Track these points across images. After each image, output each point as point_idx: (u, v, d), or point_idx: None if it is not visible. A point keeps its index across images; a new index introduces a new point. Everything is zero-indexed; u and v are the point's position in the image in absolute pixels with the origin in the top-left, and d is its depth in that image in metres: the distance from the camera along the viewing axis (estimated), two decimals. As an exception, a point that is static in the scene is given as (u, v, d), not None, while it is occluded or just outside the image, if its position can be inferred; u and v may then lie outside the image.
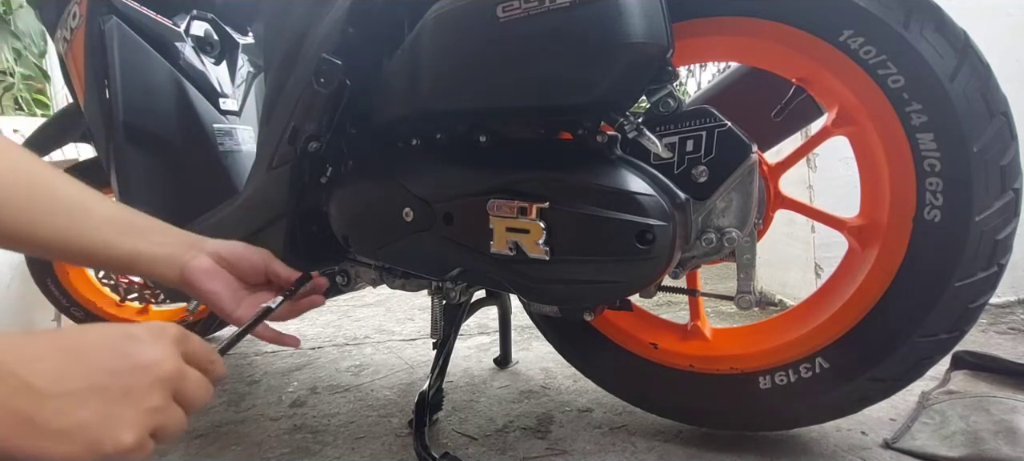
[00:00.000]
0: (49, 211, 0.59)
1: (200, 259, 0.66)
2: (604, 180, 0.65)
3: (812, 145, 0.85)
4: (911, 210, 0.69)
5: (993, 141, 0.64)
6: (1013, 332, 1.34)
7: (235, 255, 0.69)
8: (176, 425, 0.44)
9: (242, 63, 1.31)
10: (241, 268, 0.69)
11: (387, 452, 0.93)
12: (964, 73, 0.64)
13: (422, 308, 1.92)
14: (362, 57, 0.80)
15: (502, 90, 0.68)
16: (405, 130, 0.81)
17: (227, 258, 0.68)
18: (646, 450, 0.88)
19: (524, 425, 1.00)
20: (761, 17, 0.71)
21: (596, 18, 0.60)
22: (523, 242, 0.68)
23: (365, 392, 1.21)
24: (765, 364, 0.81)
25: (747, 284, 0.75)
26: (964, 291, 0.67)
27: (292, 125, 0.82)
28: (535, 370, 1.27)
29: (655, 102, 0.69)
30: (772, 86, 0.83)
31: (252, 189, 0.91)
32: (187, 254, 0.66)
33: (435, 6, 0.71)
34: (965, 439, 0.79)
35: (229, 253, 0.68)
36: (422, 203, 0.75)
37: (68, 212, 0.60)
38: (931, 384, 0.93)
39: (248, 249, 0.71)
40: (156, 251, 0.64)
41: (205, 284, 0.65)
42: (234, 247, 0.69)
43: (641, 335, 0.92)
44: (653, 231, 0.63)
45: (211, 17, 1.26)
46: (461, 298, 0.89)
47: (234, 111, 1.24)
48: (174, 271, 0.65)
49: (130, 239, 0.63)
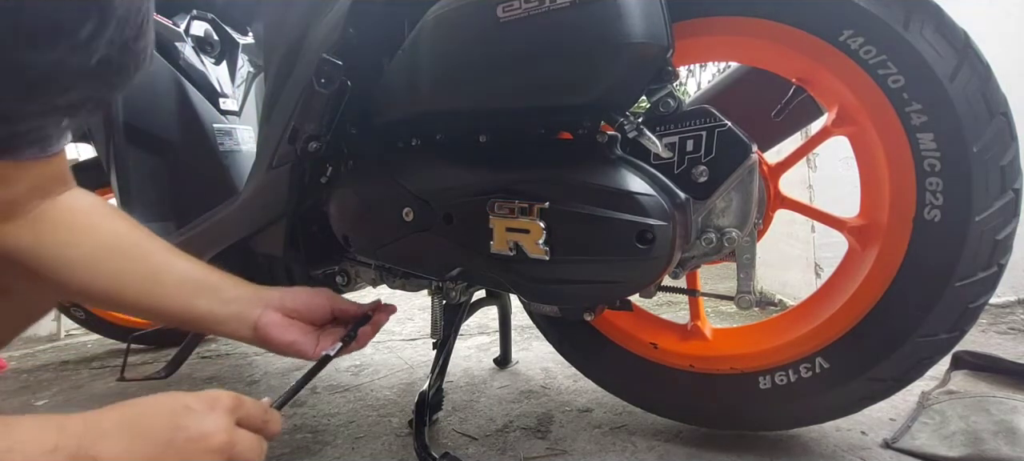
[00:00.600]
0: (135, 277, 0.64)
1: (268, 315, 0.68)
2: (604, 180, 0.65)
3: (812, 145, 0.85)
4: (911, 210, 0.69)
5: (993, 141, 0.64)
6: (1013, 332, 1.34)
7: (300, 302, 0.71)
8: None
9: (242, 63, 1.31)
10: (309, 313, 0.71)
11: (387, 452, 0.93)
12: (964, 73, 0.64)
13: (422, 308, 1.92)
14: (362, 57, 0.80)
15: (502, 90, 0.68)
16: (405, 130, 0.81)
17: (293, 308, 0.70)
18: (646, 450, 0.88)
19: (524, 425, 1.00)
20: (761, 17, 0.71)
21: (596, 18, 0.60)
22: (523, 242, 0.68)
23: (365, 392, 1.21)
24: (765, 364, 0.81)
25: (747, 284, 0.75)
26: (964, 291, 0.67)
27: (292, 125, 0.82)
28: (535, 370, 1.27)
29: (655, 102, 0.69)
30: (772, 86, 0.83)
31: (252, 189, 0.91)
32: (255, 311, 0.68)
33: (435, 6, 0.71)
34: (965, 439, 0.79)
35: (294, 302, 0.70)
36: (422, 203, 0.75)
37: (151, 277, 0.65)
38: (931, 384, 0.93)
39: (311, 293, 0.72)
40: (226, 311, 0.67)
41: (281, 338, 0.68)
42: (297, 295, 0.71)
43: (641, 335, 0.92)
44: (653, 231, 0.63)
45: (211, 17, 1.26)
46: (461, 298, 0.89)
47: (234, 111, 1.24)
48: (247, 330, 0.68)
49: (203, 300, 0.67)
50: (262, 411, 0.55)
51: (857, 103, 0.71)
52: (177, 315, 0.67)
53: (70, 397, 1.30)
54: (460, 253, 0.74)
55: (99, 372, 1.51)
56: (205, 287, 0.68)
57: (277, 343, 0.68)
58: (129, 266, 0.64)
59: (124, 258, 0.64)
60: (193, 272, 0.68)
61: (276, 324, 0.68)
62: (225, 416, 0.49)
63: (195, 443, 0.46)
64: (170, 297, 0.66)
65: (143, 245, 0.66)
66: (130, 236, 0.66)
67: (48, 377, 1.49)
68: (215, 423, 0.48)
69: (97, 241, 0.63)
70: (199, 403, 0.48)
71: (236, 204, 0.94)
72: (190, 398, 0.48)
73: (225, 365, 1.51)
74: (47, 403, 1.28)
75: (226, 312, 0.67)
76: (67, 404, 1.26)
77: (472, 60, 0.68)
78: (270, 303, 0.69)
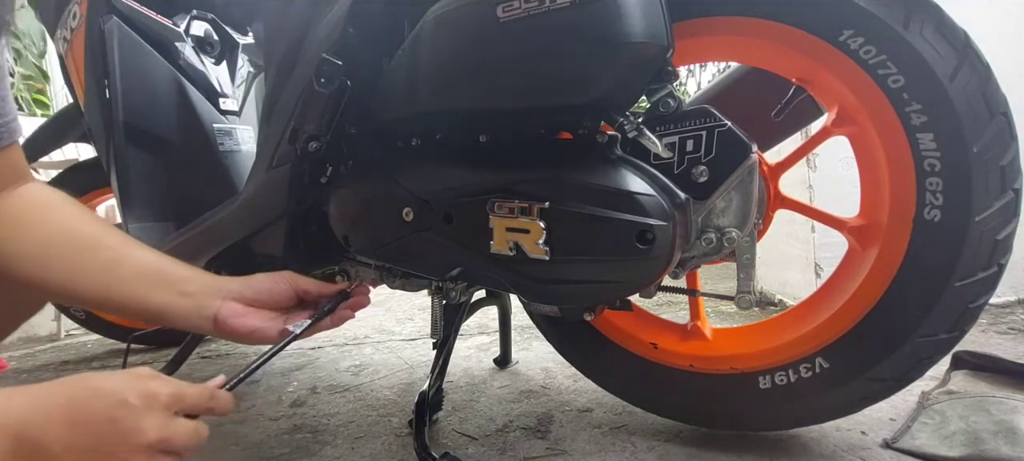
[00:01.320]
0: (90, 269, 0.63)
1: (228, 305, 0.67)
2: (604, 180, 0.65)
3: (812, 145, 0.85)
4: (911, 210, 0.69)
5: (993, 141, 0.64)
6: (1013, 332, 1.34)
7: (261, 289, 0.70)
8: None
9: (242, 63, 1.31)
10: (271, 299, 0.70)
11: (387, 452, 0.93)
12: (964, 73, 0.64)
13: (422, 308, 1.92)
14: (362, 57, 0.80)
15: (502, 90, 0.68)
16: (405, 130, 0.81)
17: (252, 297, 0.69)
18: (646, 450, 0.88)
19: (524, 425, 1.00)
20: (761, 17, 0.71)
21: (596, 18, 0.60)
22: (523, 242, 0.68)
23: (365, 392, 1.21)
24: (765, 364, 0.81)
25: (747, 284, 0.75)
26: (964, 291, 0.67)
27: (292, 125, 0.82)
28: (535, 370, 1.27)
29: (655, 102, 0.69)
30: (772, 86, 0.83)
31: (252, 189, 0.91)
32: (214, 302, 0.67)
33: (435, 6, 0.71)
34: (965, 439, 0.79)
35: (252, 291, 0.69)
36: (422, 203, 0.75)
37: (106, 269, 0.64)
38: (931, 384, 0.93)
39: (270, 279, 0.71)
40: (185, 303, 0.66)
41: (241, 326, 0.67)
42: (255, 283, 0.70)
43: (641, 335, 0.92)
44: (653, 231, 0.63)
45: (211, 17, 1.26)
46: (461, 298, 0.89)
47: (234, 111, 1.24)
48: (206, 322, 0.67)
49: (160, 292, 0.66)
50: (206, 397, 0.56)
51: (857, 103, 0.71)
52: (134, 308, 0.65)
53: (70, 397, 1.30)
54: (460, 253, 0.74)
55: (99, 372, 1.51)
56: (163, 279, 0.66)
57: (239, 332, 0.67)
58: (83, 258, 0.63)
59: (78, 250, 0.63)
60: (151, 264, 0.67)
61: (236, 314, 0.67)
62: (160, 414, 0.51)
63: (126, 438, 0.49)
64: (127, 290, 0.65)
65: (99, 237, 0.65)
66: (86, 228, 0.65)
67: (48, 377, 1.49)
68: (148, 421, 0.50)
69: (48, 234, 0.62)
70: (139, 399, 0.50)
71: (236, 204, 0.94)
72: (132, 393, 0.50)
73: (225, 365, 1.51)
74: (47, 403, 1.28)
75: (185, 304, 0.66)
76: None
77: (472, 60, 0.68)
78: (230, 293, 0.68)
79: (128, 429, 0.49)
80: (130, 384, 0.51)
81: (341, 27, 0.76)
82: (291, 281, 0.72)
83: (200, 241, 0.97)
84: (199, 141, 1.15)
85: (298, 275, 0.73)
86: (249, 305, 0.68)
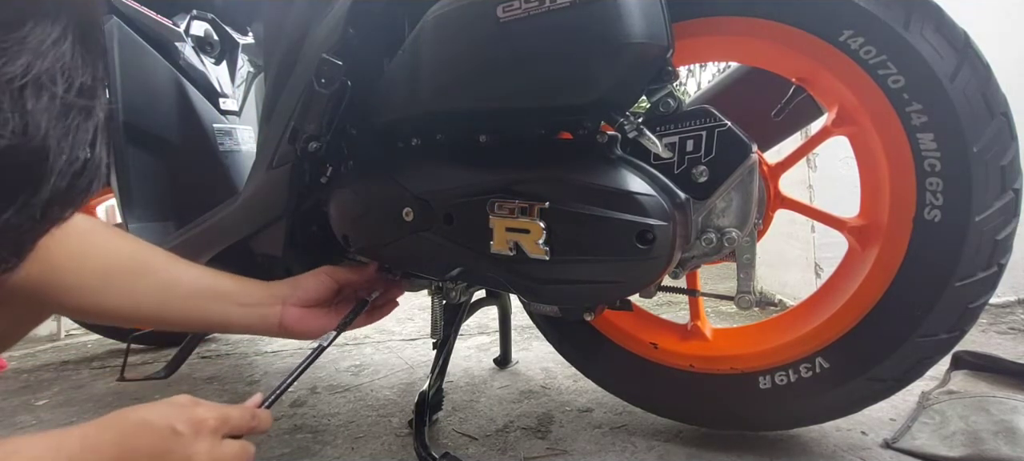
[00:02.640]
0: (147, 292, 0.67)
1: (289, 311, 0.74)
2: (604, 180, 0.65)
3: (812, 145, 0.85)
4: (911, 210, 0.69)
5: (993, 141, 0.64)
6: (1013, 332, 1.34)
7: (306, 289, 0.76)
8: None
9: (242, 63, 1.31)
10: (318, 297, 0.76)
11: (387, 452, 0.93)
12: (964, 73, 0.64)
13: (422, 308, 1.93)
14: (362, 57, 0.80)
15: (502, 90, 0.68)
16: (405, 130, 0.81)
17: (306, 299, 0.75)
18: (646, 450, 0.88)
19: (524, 425, 1.00)
20: (761, 17, 0.71)
21: (596, 18, 0.60)
22: (523, 242, 0.68)
23: (365, 392, 1.21)
24: (765, 364, 0.81)
25: (747, 284, 0.75)
26: (964, 291, 0.67)
27: (292, 125, 0.82)
28: (535, 370, 1.27)
29: (655, 102, 0.69)
30: (772, 86, 0.83)
31: (252, 189, 0.91)
32: (273, 310, 0.74)
33: (435, 6, 0.71)
34: (965, 439, 0.79)
35: (305, 293, 0.75)
36: (422, 203, 0.75)
37: (162, 289, 0.68)
38: (931, 384, 0.93)
39: (314, 279, 0.77)
40: (245, 314, 0.73)
41: (306, 328, 0.75)
42: (303, 284, 0.76)
43: (641, 335, 0.92)
44: (653, 231, 0.63)
45: (211, 17, 1.26)
46: (461, 298, 0.89)
47: (234, 111, 1.25)
48: (273, 328, 0.74)
49: (219, 306, 0.72)
50: (249, 418, 0.59)
51: (857, 103, 0.71)
52: (194, 322, 0.71)
53: (70, 397, 1.30)
54: (460, 253, 0.74)
55: (99, 372, 1.51)
56: (218, 293, 0.72)
57: (303, 334, 0.75)
58: (141, 283, 0.67)
59: (135, 276, 0.67)
60: (202, 280, 0.72)
61: (298, 318, 0.74)
62: (209, 439, 0.53)
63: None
64: (185, 308, 0.70)
65: (149, 260, 0.69)
66: (137, 253, 0.69)
67: (48, 377, 1.49)
68: (199, 447, 0.52)
69: (107, 264, 0.65)
70: (187, 427, 0.52)
71: (236, 204, 0.94)
72: (180, 422, 0.52)
73: (225, 365, 1.51)
74: (47, 403, 1.28)
75: (246, 314, 0.72)
76: (67, 404, 1.26)
77: (472, 60, 0.68)
78: (286, 300, 0.74)
79: (180, 458, 0.51)
80: (177, 413, 0.52)
81: (341, 27, 0.76)
82: (331, 274, 0.78)
83: (200, 241, 0.97)
84: (199, 141, 1.15)
85: (335, 267, 0.79)
86: (303, 306, 0.75)
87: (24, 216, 0.35)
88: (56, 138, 0.35)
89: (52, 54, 0.34)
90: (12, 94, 0.32)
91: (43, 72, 0.34)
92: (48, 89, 0.34)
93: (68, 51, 0.35)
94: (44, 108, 0.34)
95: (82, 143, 0.37)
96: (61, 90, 0.35)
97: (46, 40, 0.34)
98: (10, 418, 1.20)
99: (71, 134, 0.36)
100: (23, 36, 0.33)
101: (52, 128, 0.34)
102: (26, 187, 0.35)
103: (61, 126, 0.35)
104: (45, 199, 0.36)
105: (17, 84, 0.32)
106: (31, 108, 0.33)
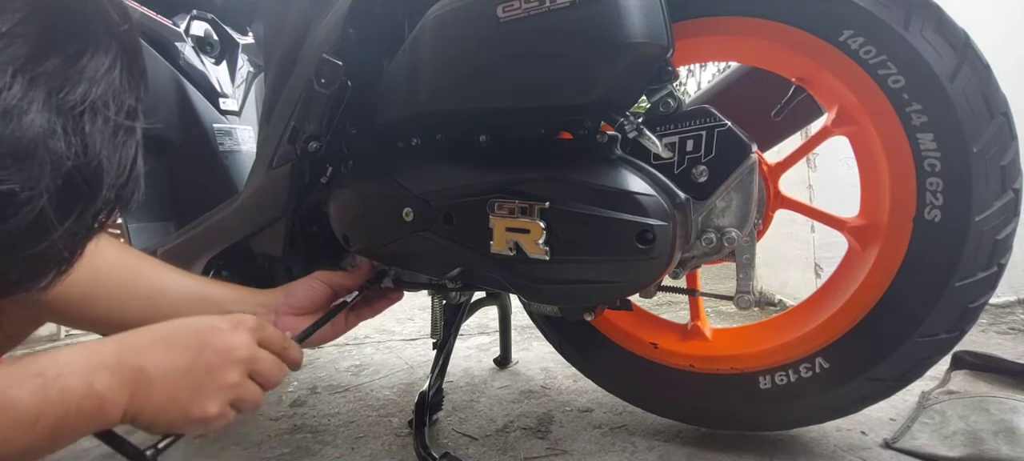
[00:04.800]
0: (132, 302, 0.68)
1: (283, 320, 0.74)
2: (604, 180, 0.65)
3: (812, 145, 0.85)
4: (911, 210, 0.69)
5: (993, 141, 0.64)
6: (1013, 332, 1.34)
7: (300, 297, 0.76)
8: (252, 399, 0.55)
9: (242, 63, 1.31)
10: (312, 304, 0.76)
11: (387, 452, 0.93)
12: (964, 73, 0.64)
13: (422, 308, 1.93)
14: (362, 57, 0.80)
15: (502, 90, 0.68)
16: (405, 130, 0.81)
17: (299, 306, 0.75)
18: (646, 450, 0.88)
19: (524, 425, 1.00)
20: (761, 17, 0.71)
21: (596, 18, 0.60)
22: (523, 242, 0.68)
23: (365, 392, 1.21)
24: (765, 364, 0.81)
25: (747, 284, 0.75)
26: (964, 291, 0.67)
27: (292, 125, 0.82)
28: (535, 370, 1.27)
29: (655, 102, 0.69)
30: (772, 86, 0.83)
31: (252, 189, 0.91)
32: (268, 319, 0.71)
33: (435, 6, 0.71)
34: (965, 439, 0.79)
35: (297, 301, 0.75)
36: (422, 203, 0.75)
37: (149, 298, 0.68)
38: (931, 384, 0.93)
39: (305, 285, 0.77)
40: None
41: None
42: (296, 292, 0.76)
43: (641, 335, 0.92)
44: (653, 231, 0.63)
45: (211, 17, 1.26)
46: (461, 298, 0.89)
47: (234, 111, 1.24)
48: None
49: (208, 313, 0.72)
50: (281, 337, 0.60)
51: (857, 103, 0.71)
52: None
53: (70, 397, 1.30)
54: (460, 253, 0.74)
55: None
56: (206, 302, 0.71)
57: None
58: (125, 292, 0.67)
59: (121, 285, 0.67)
60: (190, 288, 0.72)
61: (292, 326, 0.72)
62: (248, 335, 0.55)
63: (222, 355, 0.52)
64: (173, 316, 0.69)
65: (137, 269, 0.69)
66: (125, 261, 0.69)
67: (48, 377, 1.49)
68: (240, 339, 0.54)
69: (91, 274, 0.64)
70: (225, 323, 0.55)
71: (236, 204, 0.94)
72: (217, 319, 0.55)
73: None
74: (47, 403, 1.28)
75: None
76: (67, 404, 1.26)
77: (472, 60, 0.68)
78: (279, 309, 0.74)
79: (223, 346, 0.53)
80: (217, 315, 0.56)
81: (341, 27, 0.76)
82: (325, 280, 0.78)
83: (200, 241, 0.97)
84: (199, 141, 1.15)
85: (328, 273, 0.79)
86: (296, 314, 0.74)
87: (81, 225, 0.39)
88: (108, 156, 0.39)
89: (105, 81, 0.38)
90: (74, 120, 0.36)
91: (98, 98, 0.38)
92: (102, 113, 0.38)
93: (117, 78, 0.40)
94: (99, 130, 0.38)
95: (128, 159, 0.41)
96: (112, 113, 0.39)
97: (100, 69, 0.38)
98: (10, 418, 1.20)
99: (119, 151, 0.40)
100: (82, 67, 0.37)
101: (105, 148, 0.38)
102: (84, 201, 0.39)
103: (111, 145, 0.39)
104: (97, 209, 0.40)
105: (78, 110, 0.36)
106: (88, 132, 0.37)
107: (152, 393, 0.48)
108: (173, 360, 0.50)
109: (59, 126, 0.35)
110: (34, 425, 0.41)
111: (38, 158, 0.34)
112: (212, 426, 0.53)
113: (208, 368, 0.51)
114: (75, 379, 0.44)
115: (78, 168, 0.37)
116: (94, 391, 0.45)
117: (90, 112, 0.37)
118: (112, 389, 0.46)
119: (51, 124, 0.35)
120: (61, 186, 0.36)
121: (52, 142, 0.35)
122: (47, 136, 0.35)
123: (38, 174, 0.35)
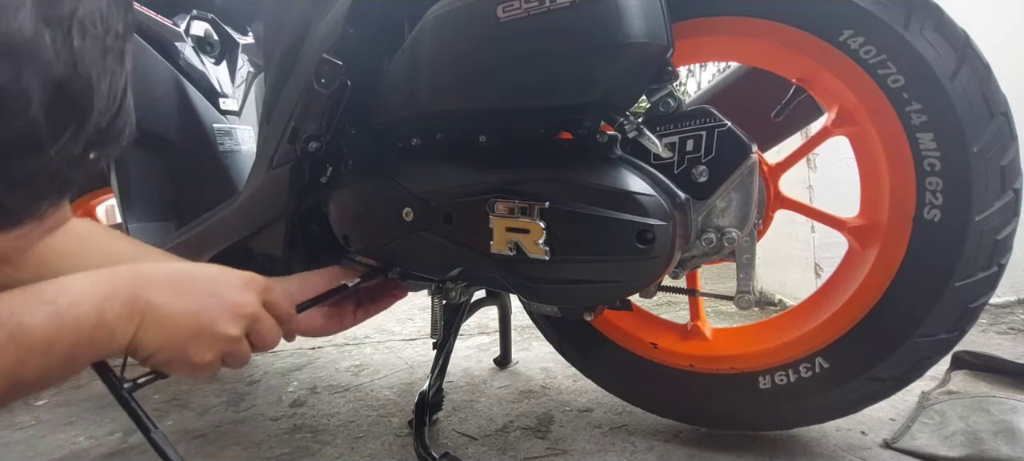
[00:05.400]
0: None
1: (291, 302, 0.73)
2: (604, 180, 0.65)
3: (812, 145, 0.85)
4: (911, 210, 0.69)
5: (993, 141, 0.64)
6: (1013, 332, 1.34)
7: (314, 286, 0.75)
8: (242, 357, 0.57)
9: (242, 63, 1.31)
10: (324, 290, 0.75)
11: (387, 452, 0.93)
12: (964, 73, 0.64)
13: (422, 308, 1.93)
14: (362, 57, 0.80)
15: (502, 90, 0.68)
16: (405, 130, 0.81)
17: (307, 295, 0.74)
18: (646, 450, 0.88)
19: (524, 425, 1.00)
20: (761, 17, 0.71)
21: (596, 18, 0.60)
22: (523, 242, 0.68)
23: (365, 392, 1.21)
24: (765, 364, 0.81)
25: (747, 284, 0.75)
26: (964, 291, 0.67)
27: (292, 125, 0.82)
28: (535, 370, 1.27)
29: (655, 102, 0.69)
30: (772, 86, 0.83)
31: (252, 189, 0.91)
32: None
33: (435, 6, 0.71)
34: (965, 439, 0.79)
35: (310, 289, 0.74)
36: (422, 203, 0.75)
37: None
38: (931, 384, 0.93)
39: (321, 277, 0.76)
40: None
41: (310, 326, 0.75)
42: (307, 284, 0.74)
43: (641, 335, 0.92)
44: (653, 231, 0.63)
45: (211, 17, 1.26)
46: (461, 298, 0.89)
47: (234, 111, 1.24)
48: None
49: None
50: (288, 304, 0.63)
51: (857, 103, 0.71)
52: None
53: (70, 397, 1.30)
54: (460, 253, 0.74)
55: (99, 372, 1.51)
56: None
57: (309, 332, 0.75)
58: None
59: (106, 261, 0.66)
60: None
61: (308, 315, 0.73)
62: (255, 294, 0.57)
63: (229, 309, 0.54)
64: None
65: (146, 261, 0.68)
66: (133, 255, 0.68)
67: (48, 377, 1.49)
68: (248, 297, 0.56)
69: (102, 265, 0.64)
70: (236, 278, 0.57)
71: (236, 204, 0.94)
72: (231, 272, 0.57)
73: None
74: (47, 403, 1.28)
75: None
76: (67, 404, 1.26)
77: (472, 60, 0.68)
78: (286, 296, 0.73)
79: (231, 301, 0.55)
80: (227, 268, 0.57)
81: (341, 27, 0.76)
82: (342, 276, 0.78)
83: (200, 241, 0.97)
84: (199, 141, 1.15)
85: (344, 269, 0.80)
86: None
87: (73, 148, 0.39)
88: (97, 76, 0.38)
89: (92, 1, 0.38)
90: (63, 32, 0.36)
91: (86, 16, 0.37)
92: (90, 32, 0.37)
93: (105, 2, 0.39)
94: (87, 48, 0.37)
95: (118, 88, 0.41)
96: (101, 33, 0.38)
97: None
98: (9, 418, 1.20)
99: (109, 75, 0.39)
100: None
101: (94, 66, 0.38)
102: (76, 120, 0.38)
103: (101, 66, 0.38)
104: (86, 137, 0.39)
105: (66, 24, 0.36)
106: (77, 46, 0.36)
107: (157, 330, 0.49)
108: (183, 302, 0.51)
109: (48, 35, 0.35)
110: (49, 352, 0.42)
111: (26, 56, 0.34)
112: (199, 373, 0.54)
113: (213, 318, 0.53)
114: (87, 307, 0.45)
115: (68, 81, 0.36)
116: (105, 321, 0.46)
117: (78, 27, 0.37)
118: (121, 320, 0.47)
119: (39, 30, 0.34)
120: (51, 96, 0.36)
121: (41, 47, 0.34)
122: (37, 38, 0.34)
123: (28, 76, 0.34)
